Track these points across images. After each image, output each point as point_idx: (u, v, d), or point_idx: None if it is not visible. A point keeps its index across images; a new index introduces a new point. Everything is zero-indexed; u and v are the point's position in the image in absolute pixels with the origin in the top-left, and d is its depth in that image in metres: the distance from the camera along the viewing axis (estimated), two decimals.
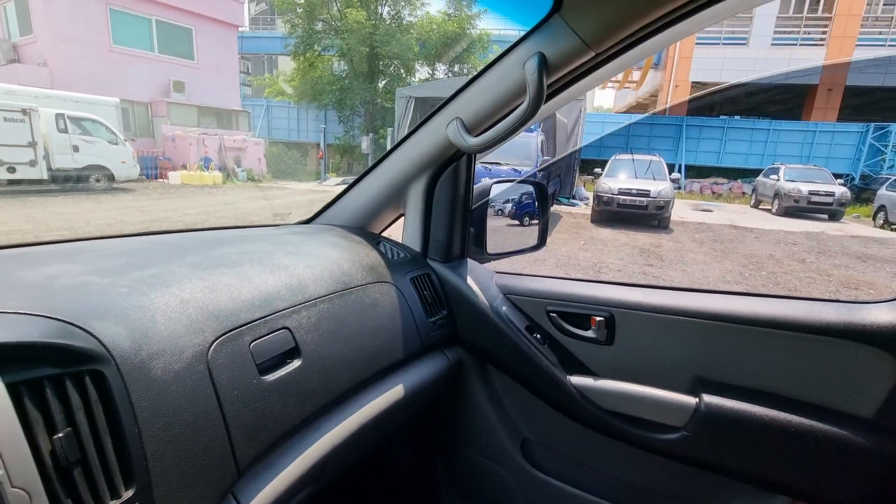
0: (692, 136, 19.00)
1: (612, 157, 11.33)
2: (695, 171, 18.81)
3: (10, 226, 6.67)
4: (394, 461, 1.31)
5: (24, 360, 0.45)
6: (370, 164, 1.17)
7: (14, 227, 6.53)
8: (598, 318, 0.97)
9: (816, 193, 12.23)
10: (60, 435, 0.44)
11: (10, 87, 11.02)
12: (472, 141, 0.92)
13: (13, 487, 0.40)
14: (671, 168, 12.56)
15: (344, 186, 1.22)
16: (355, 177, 1.20)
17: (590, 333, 0.98)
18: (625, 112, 25.64)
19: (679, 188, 15.79)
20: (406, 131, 1.01)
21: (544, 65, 0.79)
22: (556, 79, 0.86)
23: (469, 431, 1.18)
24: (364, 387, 0.85)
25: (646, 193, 9.39)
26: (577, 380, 0.98)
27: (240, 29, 19.52)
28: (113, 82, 14.15)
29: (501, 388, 1.15)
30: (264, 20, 29.06)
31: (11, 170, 9.87)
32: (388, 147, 1.11)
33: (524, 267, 5.24)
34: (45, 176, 10.45)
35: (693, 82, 19.62)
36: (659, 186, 9.51)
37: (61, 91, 12.13)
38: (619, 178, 10.16)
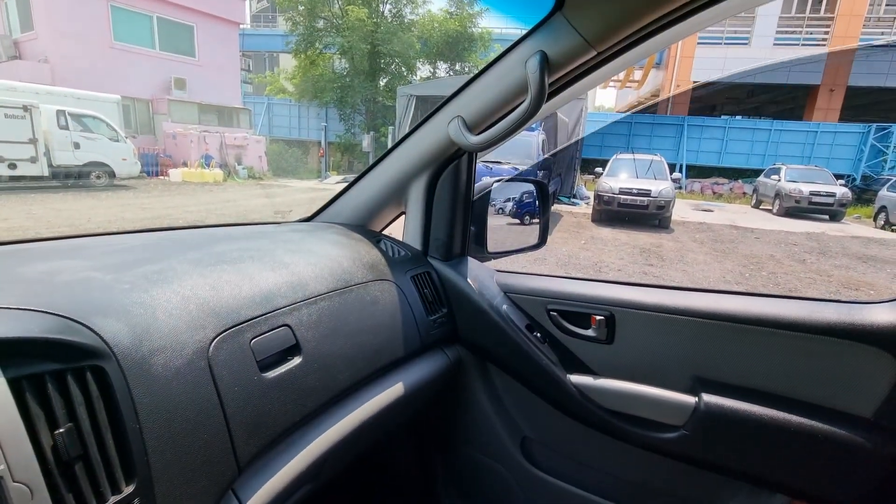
0: (693, 136, 18.98)
1: (614, 157, 11.33)
2: (696, 171, 18.80)
3: (11, 222, 6.68)
4: (394, 459, 1.32)
5: (25, 355, 0.45)
6: (371, 162, 1.17)
7: (15, 224, 6.54)
8: (598, 317, 0.97)
9: (817, 194, 12.22)
10: (62, 430, 0.44)
11: (11, 83, 11.02)
12: (474, 139, 0.92)
13: (15, 482, 0.40)
14: (672, 168, 12.56)
15: (345, 184, 1.22)
16: (356, 175, 1.20)
17: (590, 332, 0.98)
18: (626, 111, 25.63)
19: (680, 188, 15.78)
20: (407, 130, 1.01)
21: (546, 63, 0.79)
22: (558, 77, 0.86)
23: (469, 429, 1.18)
24: (364, 384, 0.85)
25: (647, 193, 9.39)
26: (576, 378, 0.98)
27: (241, 26, 19.51)
28: (114, 79, 14.15)
29: (501, 387, 1.15)
30: (265, 17, 29.03)
31: (12, 166, 9.88)
32: (389, 145, 1.11)
33: (524, 266, 5.24)
34: (46, 172, 10.46)
35: (694, 82, 19.59)
36: (660, 186, 9.50)
37: (62, 87, 12.13)
38: (620, 178, 10.16)
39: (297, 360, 0.71)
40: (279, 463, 0.67)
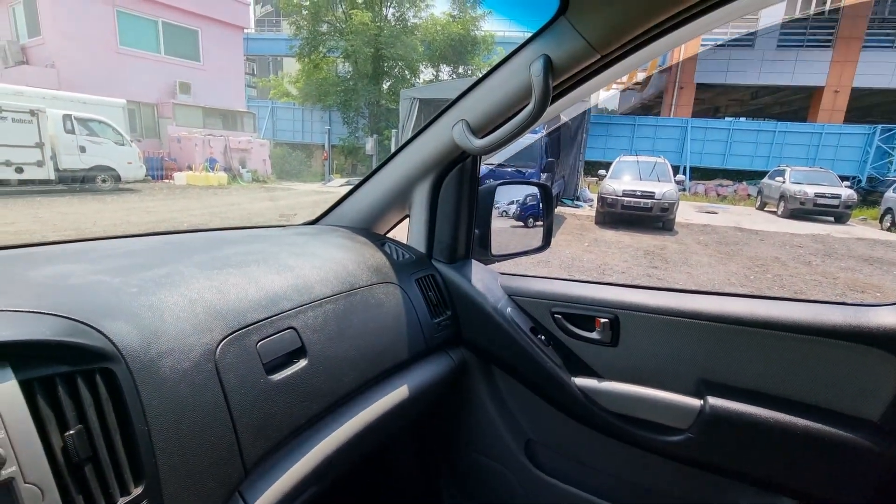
0: (697, 138, 18.97)
1: (617, 159, 11.33)
2: (700, 173, 18.77)
3: (18, 226, 6.73)
4: (398, 461, 1.32)
5: (36, 357, 0.46)
6: (374, 165, 1.18)
7: (22, 228, 6.59)
8: (602, 320, 0.97)
9: (822, 196, 12.18)
10: (72, 432, 0.45)
11: (18, 88, 11.14)
12: (478, 143, 0.92)
13: (26, 483, 0.41)
14: (676, 170, 12.54)
15: (348, 187, 1.22)
16: (359, 178, 1.20)
17: (594, 335, 0.98)
18: (629, 114, 25.60)
19: (684, 190, 15.76)
20: (410, 133, 1.02)
21: (550, 67, 0.79)
22: (562, 81, 0.87)
23: (473, 432, 1.18)
24: (369, 387, 0.86)
25: (650, 195, 9.37)
26: (581, 381, 0.98)
27: (245, 31, 19.64)
28: (120, 83, 14.28)
29: (505, 389, 1.15)
30: (269, 22, 29.23)
31: (19, 170, 9.98)
32: (393, 148, 1.12)
33: (528, 268, 5.24)
34: (53, 176, 10.55)
35: (698, 84, 19.57)
36: (664, 188, 9.49)
37: (69, 92, 12.24)
38: (624, 180, 10.15)
39: (302, 363, 0.71)
40: (285, 465, 0.68)
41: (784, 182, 13.06)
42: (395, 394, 0.90)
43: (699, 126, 19.11)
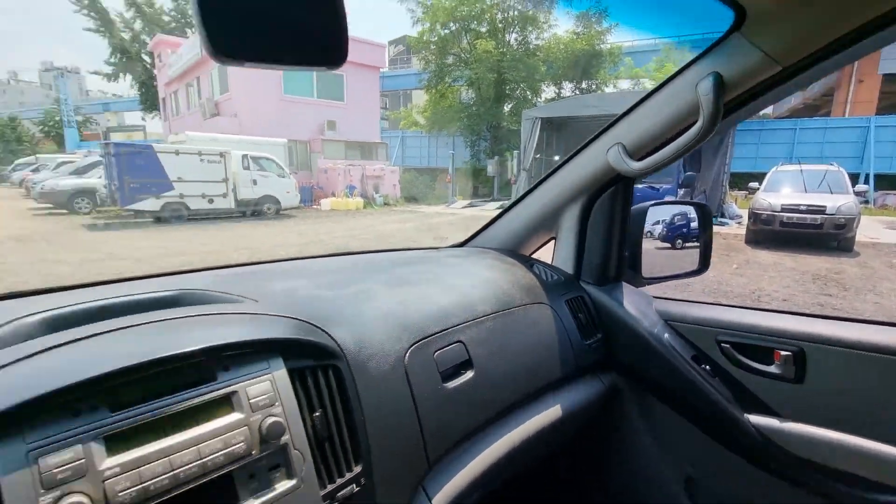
0: (884, 139, 15.57)
1: (773, 169, 9.87)
2: (889, 182, 15.35)
3: (209, 247, 8.30)
4: (555, 474, 1.32)
5: (291, 352, 0.59)
6: (495, 186, 1.23)
7: (213, 248, 8.11)
8: (783, 353, 0.87)
9: None
10: (317, 414, 0.57)
11: (212, 135, 13.98)
12: (635, 165, 0.92)
13: (295, 450, 0.53)
14: (854, 179, 10.46)
15: (470, 209, 1.30)
16: (480, 199, 1.27)
17: (773, 369, 0.89)
18: (787, 117, 22.10)
19: (867, 202, 13.05)
20: (532, 152, 1.06)
21: (721, 84, 0.77)
22: (734, 96, 0.83)
23: (625, 460, 1.13)
24: (526, 402, 0.89)
25: (820, 210, 7.95)
26: (758, 419, 0.89)
27: (380, 70, 21.81)
28: (282, 125, 16.94)
29: (662, 419, 1.09)
30: (401, 60, 32.09)
31: (211, 201, 12.46)
32: (512, 169, 1.16)
33: (664, 292, 4.81)
34: (233, 206, 12.93)
35: (884, 74, 16.21)
36: (838, 201, 7.98)
37: (246, 136, 14.93)
38: (783, 193, 8.79)
39: (469, 374, 0.78)
40: (459, 466, 0.74)
41: None
42: (551, 412, 0.92)
43: (887, 125, 15.69)
